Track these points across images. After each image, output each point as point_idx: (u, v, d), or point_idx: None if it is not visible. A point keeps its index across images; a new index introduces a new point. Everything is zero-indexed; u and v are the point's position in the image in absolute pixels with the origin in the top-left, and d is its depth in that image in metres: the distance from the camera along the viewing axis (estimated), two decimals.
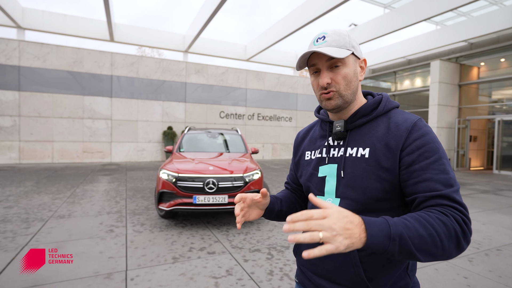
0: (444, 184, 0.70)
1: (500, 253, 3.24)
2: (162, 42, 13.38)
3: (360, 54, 0.84)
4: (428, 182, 0.71)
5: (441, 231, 0.63)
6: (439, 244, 0.63)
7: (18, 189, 5.97)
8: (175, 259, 2.92)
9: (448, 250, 0.64)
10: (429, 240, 0.62)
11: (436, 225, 0.63)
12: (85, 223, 3.97)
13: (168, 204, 3.80)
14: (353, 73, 0.82)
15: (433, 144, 0.74)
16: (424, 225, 0.63)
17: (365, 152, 0.79)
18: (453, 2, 8.58)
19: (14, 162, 10.33)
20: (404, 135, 0.76)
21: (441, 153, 0.74)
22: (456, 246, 0.65)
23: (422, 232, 0.62)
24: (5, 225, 3.75)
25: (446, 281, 2.59)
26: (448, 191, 0.69)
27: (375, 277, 0.77)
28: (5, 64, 10.16)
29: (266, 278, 2.58)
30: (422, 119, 0.80)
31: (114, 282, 2.44)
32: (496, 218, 4.67)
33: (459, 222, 0.66)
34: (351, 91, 0.83)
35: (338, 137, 0.86)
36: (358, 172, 0.79)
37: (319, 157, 0.90)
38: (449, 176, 0.71)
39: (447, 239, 0.63)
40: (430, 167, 0.72)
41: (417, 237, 0.62)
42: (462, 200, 0.70)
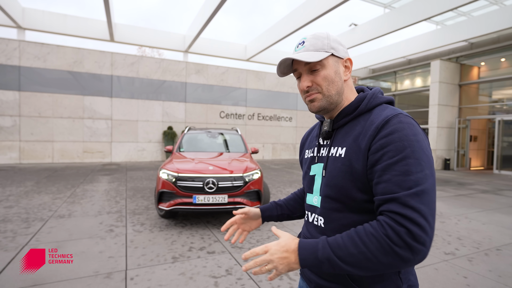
0: (401, 186, 0.66)
1: (500, 253, 3.24)
2: (162, 42, 13.38)
3: (343, 54, 0.85)
4: (385, 184, 0.68)
5: (373, 248, 0.64)
6: (374, 261, 0.64)
7: (19, 189, 5.98)
8: (175, 258, 2.92)
9: (389, 263, 0.63)
10: (361, 258, 0.64)
11: (368, 242, 0.64)
12: (85, 222, 3.97)
13: (168, 203, 3.80)
14: (334, 73, 0.83)
15: (400, 143, 0.69)
16: (356, 243, 0.66)
17: (342, 151, 0.80)
18: (453, 1, 8.58)
19: (14, 162, 10.35)
20: (373, 133, 0.74)
21: (407, 153, 0.68)
22: (399, 259, 0.63)
23: (352, 251, 0.65)
24: (5, 225, 3.76)
25: (446, 280, 2.59)
26: (402, 194, 0.65)
27: (360, 277, 0.77)
28: (5, 64, 10.18)
29: (265, 277, 2.58)
30: (402, 114, 0.75)
31: (114, 281, 2.44)
32: (496, 218, 4.67)
33: (399, 234, 0.62)
34: (335, 91, 0.83)
35: (325, 136, 0.89)
36: (335, 172, 0.80)
37: (312, 156, 0.93)
38: (408, 178, 0.66)
39: (382, 254, 0.63)
40: (391, 168, 0.68)
41: (347, 255, 0.65)
42: (418, 204, 0.64)
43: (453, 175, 10.36)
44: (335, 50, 0.83)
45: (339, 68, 0.84)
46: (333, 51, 0.83)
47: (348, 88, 0.87)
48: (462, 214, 4.86)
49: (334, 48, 0.83)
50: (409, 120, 0.74)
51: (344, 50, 0.86)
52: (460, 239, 3.67)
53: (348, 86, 0.87)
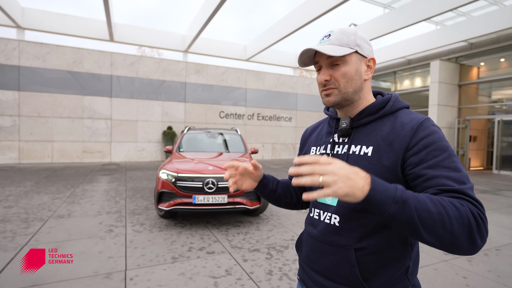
0: (457, 181, 0.68)
1: (499, 253, 3.25)
2: (162, 42, 13.38)
3: (367, 53, 0.84)
4: (438, 179, 0.68)
5: (452, 215, 0.60)
6: (448, 227, 0.60)
7: (18, 189, 5.97)
8: (175, 259, 2.92)
9: (458, 237, 0.60)
10: (437, 218, 0.60)
11: (448, 208, 0.61)
12: (85, 223, 3.97)
13: (168, 204, 3.80)
14: (354, 71, 0.82)
15: (441, 143, 0.72)
16: (435, 203, 0.61)
17: (368, 150, 0.80)
18: (453, 2, 8.59)
19: (13, 162, 10.33)
20: (409, 134, 0.75)
21: (450, 151, 0.72)
22: (468, 237, 0.61)
23: (431, 208, 0.60)
24: (4, 225, 3.75)
25: (445, 280, 2.59)
26: (462, 187, 0.66)
27: (371, 277, 0.77)
28: (4, 64, 10.16)
29: (265, 278, 2.58)
30: (430, 119, 0.78)
31: (113, 282, 2.44)
32: (495, 218, 4.67)
33: (475, 214, 0.62)
34: (353, 89, 0.83)
35: (343, 134, 0.87)
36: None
37: (323, 153, 0.91)
38: (461, 174, 0.69)
39: (458, 224, 0.60)
40: (439, 165, 0.70)
41: (424, 210, 0.60)
42: (475, 195, 0.66)
43: None
44: (360, 47, 0.82)
45: (361, 67, 0.84)
46: (357, 49, 0.82)
47: (367, 88, 0.87)
48: None
49: (359, 46, 0.82)
50: (436, 124, 0.78)
51: (369, 49, 0.85)
52: None
53: (367, 86, 0.87)
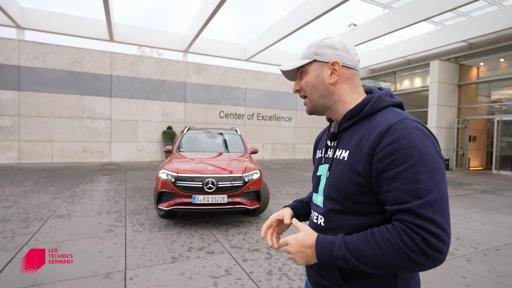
0: (412, 195, 0.66)
1: (498, 253, 3.25)
2: (162, 42, 13.38)
3: (330, 58, 0.84)
4: (395, 192, 0.68)
5: (388, 252, 0.66)
6: (389, 264, 0.66)
7: (18, 189, 5.97)
8: (174, 258, 2.92)
9: (403, 267, 0.66)
10: (376, 260, 0.67)
11: (383, 246, 0.67)
12: (85, 222, 3.97)
13: (168, 203, 3.80)
14: (315, 78, 0.86)
15: (407, 150, 0.68)
16: (371, 246, 0.68)
17: (345, 154, 0.81)
18: (453, 2, 8.59)
19: (13, 162, 10.33)
20: (376, 139, 0.73)
21: (415, 160, 0.67)
22: (413, 263, 0.65)
23: (368, 253, 0.68)
24: (4, 225, 3.75)
25: (445, 280, 2.59)
26: (413, 204, 0.65)
27: (354, 277, 0.79)
28: (4, 64, 10.16)
29: (265, 277, 2.59)
30: (408, 119, 0.73)
31: (113, 281, 2.44)
32: (495, 218, 4.68)
33: (415, 241, 0.64)
34: (317, 95, 0.87)
35: (330, 138, 0.91)
36: (338, 174, 0.81)
37: (320, 157, 0.95)
38: (418, 187, 0.66)
39: (397, 259, 0.65)
40: (399, 176, 0.68)
41: (363, 256, 0.69)
42: (431, 214, 0.64)
43: (452, 175, 10.38)
44: (320, 55, 0.85)
45: (323, 73, 0.86)
46: (316, 57, 0.86)
47: (342, 91, 0.86)
48: (461, 214, 4.87)
49: (318, 54, 0.86)
50: (415, 124, 0.72)
51: (335, 53, 0.84)
52: (459, 239, 3.68)
53: (342, 89, 0.86)
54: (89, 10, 40.80)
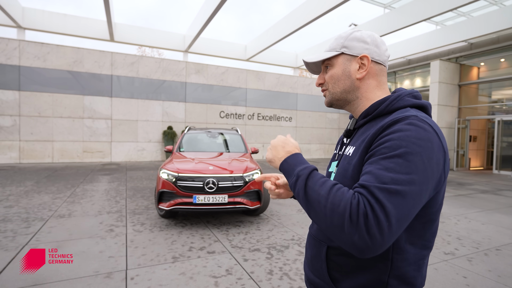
0: (378, 179, 0.62)
1: (499, 253, 3.25)
2: (162, 42, 13.39)
3: (359, 51, 0.81)
4: (367, 175, 0.65)
5: (336, 202, 0.63)
6: (326, 211, 0.63)
7: (19, 189, 5.97)
8: (175, 258, 2.93)
9: (332, 224, 0.62)
10: (316, 200, 0.66)
11: (336, 196, 0.64)
12: (85, 222, 3.97)
13: (168, 203, 3.80)
14: (341, 72, 0.84)
15: (397, 141, 0.65)
16: (327, 189, 0.66)
17: (351, 151, 0.81)
18: (453, 2, 8.59)
19: (14, 161, 10.34)
20: (376, 132, 0.71)
21: (400, 152, 0.64)
22: (340, 223, 0.61)
23: (318, 190, 0.67)
24: (5, 225, 3.76)
25: (445, 280, 2.59)
26: (374, 184, 0.62)
27: (341, 279, 0.77)
28: (5, 64, 10.17)
29: (266, 277, 2.59)
30: (417, 117, 0.69)
31: (114, 281, 2.44)
32: (495, 218, 4.68)
33: (360, 209, 0.60)
34: (340, 89, 0.85)
35: (346, 135, 0.90)
36: (341, 170, 0.81)
37: (334, 153, 0.95)
38: (388, 175, 0.62)
39: (336, 213, 0.62)
40: (377, 162, 0.65)
41: (313, 191, 0.68)
42: (385, 200, 0.60)
43: (453, 175, 10.37)
44: (348, 48, 0.82)
45: (350, 67, 0.82)
46: (344, 50, 0.82)
47: (367, 86, 0.83)
48: (462, 214, 4.87)
49: (346, 47, 0.82)
50: (421, 124, 0.67)
51: (365, 47, 0.81)
52: (459, 239, 3.68)
53: (368, 85, 0.83)
54: (89, 10, 40.83)
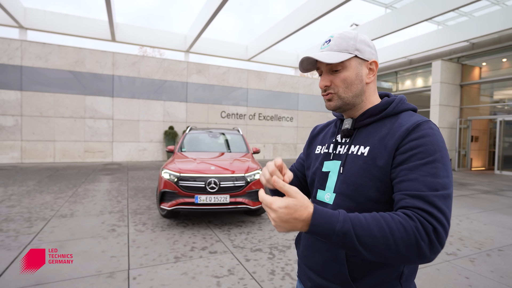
0: (429, 187, 0.66)
1: (501, 254, 3.24)
2: (164, 42, 13.42)
3: (368, 56, 0.83)
4: (411, 182, 0.68)
5: (398, 236, 0.61)
6: (393, 249, 0.61)
7: (21, 189, 5.99)
8: (177, 258, 2.93)
9: (405, 256, 0.62)
10: (381, 242, 0.61)
11: (395, 229, 0.62)
12: (87, 222, 3.98)
13: (170, 203, 3.81)
14: (355, 76, 0.82)
15: (430, 146, 0.70)
16: (381, 227, 0.62)
17: (365, 150, 0.79)
18: (455, 2, 8.57)
19: (16, 161, 10.37)
20: (403, 134, 0.74)
21: (437, 157, 0.69)
22: (417, 254, 0.62)
23: (375, 233, 0.62)
24: (7, 224, 3.77)
25: (448, 281, 2.59)
26: (430, 193, 0.65)
27: (360, 277, 0.77)
28: (7, 64, 10.20)
29: (267, 277, 2.59)
30: (431, 122, 0.76)
31: (116, 281, 2.45)
32: (497, 219, 4.66)
33: (427, 230, 0.62)
34: (352, 93, 0.83)
35: (345, 134, 0.87)
36: (355, 169, 0.79)
37: (326, 152, 0.91)
38: (437, 181, 0.66)
39: (404, 245, 0.61)
40: (419, 168, 0.68)
41: (367, 236, 0.62)
42: (444, 206, 0.64)
43: (455, 175, 10.35)
44: (360, 51, 0.81)
45: (362, 71, 0.83)
46: (357, 53, 0.81)
47: (370, 90, 0.86)
48: (464, 215, 4.86)
49: (359, 50, 0.81)
50: (437, 128, 0.76)
51: (371, 51, 0.84)
52: (461, 239, 3.67)
53: (371, 89, 0.86)
54: (90, 10, 40.91)
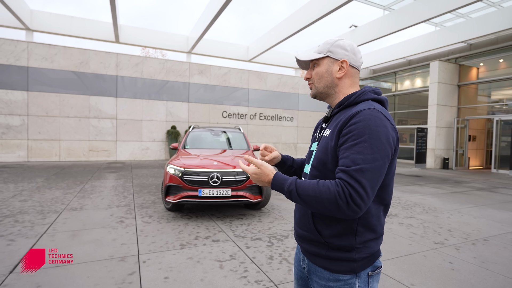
0: (353, 161, 0.88)
1: (486, 243, 3.46)
2: (166, 43, 13.67)
3: (340, 57, 1.05)
4: (345, 159, 0.90)
5: (325, 196, 0.88)
6: (320, 204, 0.89)
7: (30, 185, 6.23)
8: (183, 245, 3.16)
9: (329, 209, 0.88)
10: (313, 199, 0.90)
11: (323, 191, 0.88)
12: (97, 214, 4.22)
13: (175, 196, 4.04)
14: (325, 71, 1.07)
15: (362, 129, 0.90)
16: (314, 189, 0.90)
17: (327, 133, 1.05)
18: (452, 3, 8.77)
19: (22, 160, 10.63)
20: (346, 120, 0.95)
21: (365, 138, 0.89)
22: (337, 209, 0.86)
23: (310, 193, 0.90)
24: (22, 216, 4.01)
25: (432, 265, 2.81)
26: (350, 168, 0.87)
27: (322, 229, 1.02)
28: (14, 65, 10.46)
29: (266, 262, 2.81)
30: (375, 109, 0.94)
31: (128, 264, 2.68)
32: (487, 213, 4.87)
33: (345, 194, 0.85)
34: (323, 84, 1.08)
35: (324, 120, 1.14)
36: (321, 148, 1.05)
37: (315, 136, 1.19)
38: (359, 157, 0.88)
39: (328, 202, 0.87)
40: (351, 148, 0.90)
41: (305, 195, 0.91)
42: (361, 178, 0.86)
43: (451, 173, 10.54)
44: (332, 53, 1.05)
45: (332, 68, 1.06)
46: (329, 54, 1.05)
47: (344, 84, 1.07)
48: (455, 209, 5.07)
49: (331, 51, 1.05)
50: (378, 114, 0.93)
51: (345, 53, 1.05)
52: (450, 230, 3.88)
53: (344, 83, 1.07)
54: (93, 11, 41.24)
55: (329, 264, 1.00)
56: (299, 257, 1.18)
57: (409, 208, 5.11)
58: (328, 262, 1.01)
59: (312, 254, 1.05)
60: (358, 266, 0.98)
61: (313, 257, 1.05)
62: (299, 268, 1.18)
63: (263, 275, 2.54)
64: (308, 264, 1.09)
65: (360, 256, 0.98)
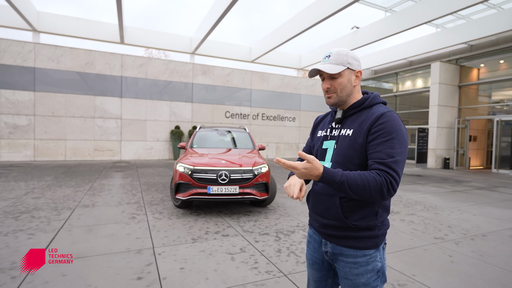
0: (388, 155, 1.05)
1: (484, 238, 3.60)
2: (170, 44, 13.85)
3: (356, 67, 1.21)
4: (378, 153, 1.07)
5: (372, 185, 1.02)
6: (367, 192, 1.03)
7: (40, 183, 6.40)
8: (194, 240, 3.31)
9: (374, 196, 1.03)
10: (362, 188, 1.02)
11: (370, 181, 1.02)
12: (109, 211, 4.37)
13: (185, 193, 4.19)
14: (347, 81, 1.20)
15: (390, 128, 1.08)
16: (363, 179, 1.03)
17: (349, 132, 1.20)
18: (453, 5, 8.91)
19: (29, 159, 10.80)
20: (373, 120, 1.12)
21: (394, 136, 1.07)
22: (381, 195, 1.02)
23: (359, 183, 1.03)
24: (38, 212, 4.17)
25: (433, 258, 2.95)
26: (388, 160, 1.05)
27: (350, 215, 1.17)
28: (21, 66, 10.64)
29: (275, 254, 2.96)
30: (393, 111, 1.14)
31: (144, 255, 2.83)
32: (486, 211, 5.01)
33: (387, 182, 1.02)
34: (345, 93, 1.22)
35: (337, 121, 1.28)
36: (344, 145, 1.19)
37: (325, 135, 1.31)
38: (393, 151, 1.06)
39: (375, 190, 1.02)
40: (382, 144, 1.07)
41: (354, 185, 1.03)
42: (397, 167, 1.04)
43: (452, 173, 10.67)
44: (351, 64, 1.19)
45: (352, 78, 1.21)
46: (349, 65, 1.19)
47: (356, 91, 1.23)
48: (456, 207, 5.21)
49: (350, 63, 1.19)
50: (397, 115, 1.14)
51: (357, 64, 1.21)
52: (450, 227, 4.03)
53: (356, 89, 1.24)
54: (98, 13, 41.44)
55: (356, 243, 1.17)
56: (315, 245, 1.32)
57: (411, 206, 5.26)
58: (355, 241, 1.17)
59: (339, 237, 1.20)
60: (379, 240, 1.18)
61: (340, 240, 1.20)
62: (314, 254, 1.33)
63: (272, 266, 2.69)
64: (333, 247, 1.23)
65: (381, 232, 1.18)
